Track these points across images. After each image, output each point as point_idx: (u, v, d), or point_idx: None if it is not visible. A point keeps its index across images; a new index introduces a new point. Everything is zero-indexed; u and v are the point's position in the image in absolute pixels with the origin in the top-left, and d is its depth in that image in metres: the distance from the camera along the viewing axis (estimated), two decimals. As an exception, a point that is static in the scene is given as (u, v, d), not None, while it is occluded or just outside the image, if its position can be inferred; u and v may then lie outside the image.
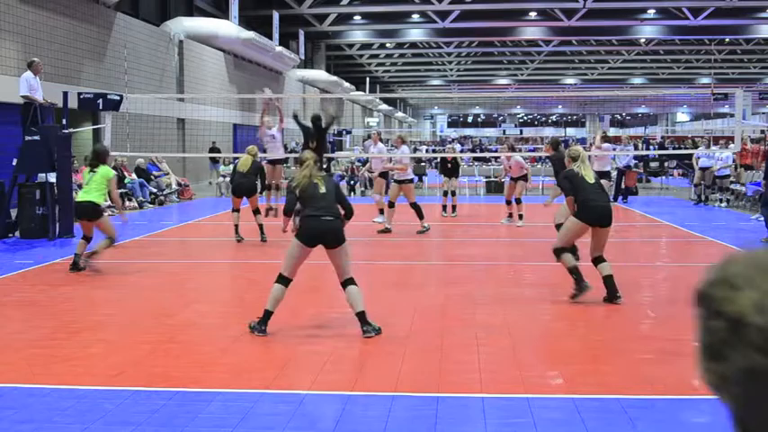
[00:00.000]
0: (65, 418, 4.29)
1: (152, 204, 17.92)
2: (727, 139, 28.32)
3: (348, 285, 6.09)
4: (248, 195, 11.55)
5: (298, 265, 6.14)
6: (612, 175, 19.14)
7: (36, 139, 11.82)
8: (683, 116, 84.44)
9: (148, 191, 18.05)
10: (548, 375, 5.09)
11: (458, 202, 15.65)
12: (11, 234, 12.06)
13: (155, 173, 19.12)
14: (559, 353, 5.63)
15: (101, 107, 13.50)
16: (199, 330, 6.34)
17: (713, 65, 50.61)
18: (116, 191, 9.40)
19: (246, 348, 5.77)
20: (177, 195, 19.62)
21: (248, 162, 11.60)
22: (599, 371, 5.13)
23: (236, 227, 11.63)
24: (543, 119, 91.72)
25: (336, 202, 6.26)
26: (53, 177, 12.15)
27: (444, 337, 5.98)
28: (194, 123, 24.06)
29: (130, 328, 6.35)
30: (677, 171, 27.79)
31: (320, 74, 42.68)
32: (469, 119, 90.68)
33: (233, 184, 11.90)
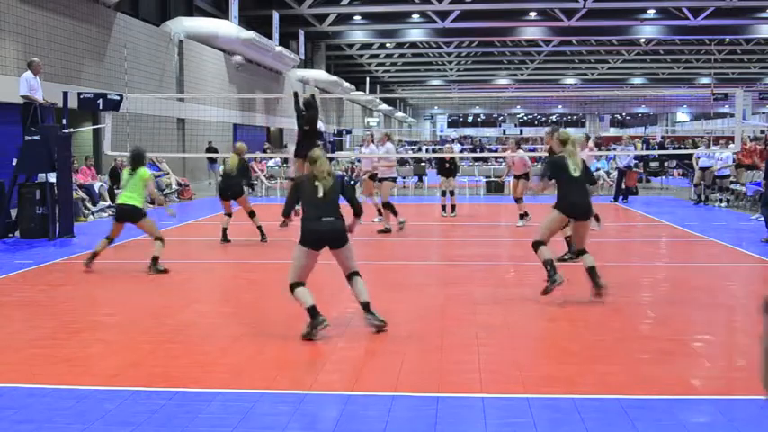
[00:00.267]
0: (65, 418, 4.29)
1: (152, 204, 17.87)
2: (727, 139, 28.33)
3: (354, 277, 6.17)
4: (235, 197, 11.44)
5: (308, 269, 6.10)
6: (613, 175, 19.18)
7: (36, 139, 11.82)
8: (683, 116, 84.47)
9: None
10: (548, 375, 5.09)
11: (457, 202, 15.65)
12: (11, 234, 12.07)
13: (155, 173, 19.12)
14: (559, 353, 5.63)
15: (101, 107, 13.49)
16: (199, 330, 6.34)
17: (713, 65, 50.64)
18: (154, 189, 9.54)
19: (246, 348, 5.77)
20: (177, 195, 19.63)
21: (235, 162, 11.50)
22: (599, 371, 5.14)
23: (224, 230, 11.47)
24: (543, 119, 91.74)
25: (347, 200, 6.23)
26: (53, 177, 12.15)
27: (444, 337, 5.99)
28: (194, 123, 24.06)
29: (130, 328, 6.35)
30: (677, 171, 27.80)
31: (320, 74, 42.70)
32: (469, 119, 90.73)
33: (220, 186, 11.84)
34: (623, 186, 18.71)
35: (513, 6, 35.62)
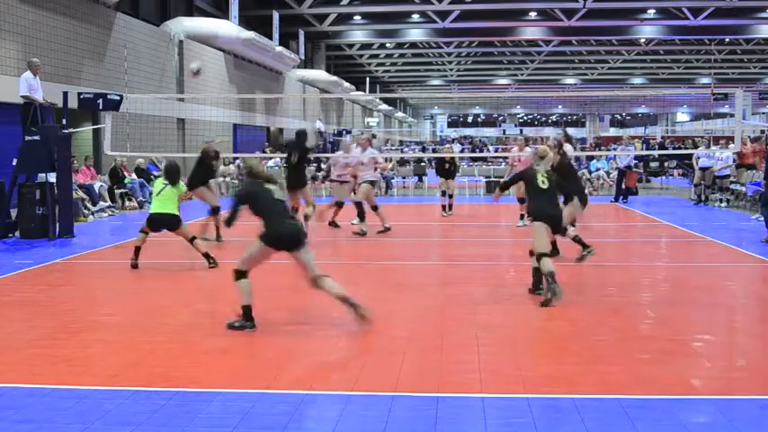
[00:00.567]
0: (65, 418, 4.29)
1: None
2: (728, 139, 28.32)
3: (321, 279, 6.25)
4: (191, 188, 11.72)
5: (257, 264, 6.32)
6: (613, 175, 19.17)
7: (36, 139, 11.82)
8: (683, 116, 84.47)
9: (149, 191, 18.05)
10: (548, 375, 5.10)
11: (456, 202, 15.66)
12: (11, 234, 12.07)
13: (155, 173, 19.10)
14: (559, 353, 5.63)
15: (101, 107, 13.48)
16: (199, 330, 6.34)
17: (713, 65, 50.63)
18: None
19: (246, 348, 5.77)
20: (177, 195, 19.60)
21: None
22: (599, 371, 5.14)
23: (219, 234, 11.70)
24: (543, 119, 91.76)
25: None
26: (53, 177, 12.15)
27: (444, 337, 5.99)
28: (194, 123, 24.06)
29: (130, 328, 6.35)
30: (677, 171, 27.80)
31: (320, 74, 42.69)
32: (469, 119, 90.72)
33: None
34: (623, 186, 18.72)
35: (513, 6, 35.60)
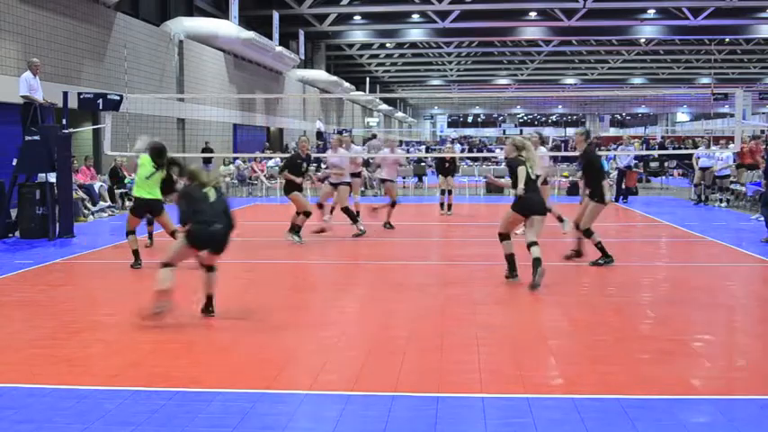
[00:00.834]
0: (65, 418, 4.29)
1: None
2: (728, 139, 28.33)
3: (212, 270, 6.63)
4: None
5: (182, 260, 6.56)
6: (613, 175, 19.17)
7: (36, 139, 11.82)
8: (683, 116, 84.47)
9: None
10: (548, 375, 5.10)
11: (456, 202, 15.67)
12: (11, 234, 12.06)
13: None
14: (559, 353, 5.63)
15: (101, 107, 13.48)
16: (199, 330, 6.34)
17: (713, 65, 50.64)
18: None
19: (246, 348, 5.77)
20: (177, 195, 19.60)
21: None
22: (599, 371, 5.13)
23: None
24: (543, 119, 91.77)
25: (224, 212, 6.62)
26: (53, 177, 12.15)
27: (444, 337, 5.99)
28: (194, 123, 24.07)
29: (130, 328, 6.35)
30: (677, 171, 27.80)
31: (320, 74, 42.69)
32: (469, 119, 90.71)
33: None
34: (623, 186, 18.71)
35: (513, 6, 35.61)
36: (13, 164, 12.05)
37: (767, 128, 36.24)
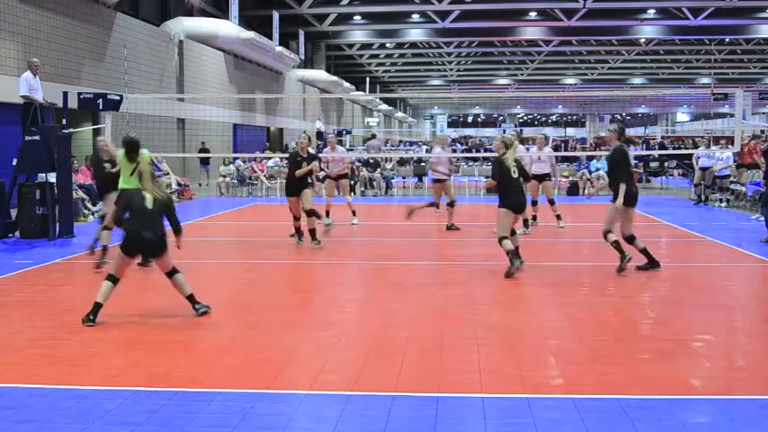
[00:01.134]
0: (65, 418, 4.29)
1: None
2: (728, 139, 28.33)
3: (174, 275, 6.74)
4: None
5: (124, 268, 6.68)
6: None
7: (36, 139, 11.82)
8: (683, 116, 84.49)
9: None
10: (548, 375, 5.10)
11: (457, 202, 15.61)
12: (11, 234, 12.07)
13: (156, 173, 19.11)
14: (559, 353, 5.63)
15: (101, 107, 13.49)
16: (199, 330, 6.34)
17: (713, 65, 50.67)
18: None
19: (246, 348, 5.77)
20: (177, 195, 19.62)
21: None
22: (599, 371, 5.13)
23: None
24: (543, 119, 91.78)
25: (163, 218, 6.74)
26: (53, 177, 12.15)
27: (444, 337, 5.98)
28: (194, 123, 24.07)
29: (130, 328, 6.35)
30: (677, 171, 27.79)
31: (320, 74, 42.70)
32: (469, 119, 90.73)
33: None
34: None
35: (513, 6, 35.63)
36: (13, 164, 12.05)
37: (767, 128, 36.22)
